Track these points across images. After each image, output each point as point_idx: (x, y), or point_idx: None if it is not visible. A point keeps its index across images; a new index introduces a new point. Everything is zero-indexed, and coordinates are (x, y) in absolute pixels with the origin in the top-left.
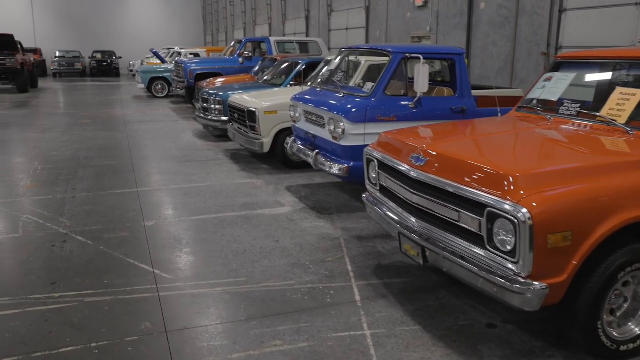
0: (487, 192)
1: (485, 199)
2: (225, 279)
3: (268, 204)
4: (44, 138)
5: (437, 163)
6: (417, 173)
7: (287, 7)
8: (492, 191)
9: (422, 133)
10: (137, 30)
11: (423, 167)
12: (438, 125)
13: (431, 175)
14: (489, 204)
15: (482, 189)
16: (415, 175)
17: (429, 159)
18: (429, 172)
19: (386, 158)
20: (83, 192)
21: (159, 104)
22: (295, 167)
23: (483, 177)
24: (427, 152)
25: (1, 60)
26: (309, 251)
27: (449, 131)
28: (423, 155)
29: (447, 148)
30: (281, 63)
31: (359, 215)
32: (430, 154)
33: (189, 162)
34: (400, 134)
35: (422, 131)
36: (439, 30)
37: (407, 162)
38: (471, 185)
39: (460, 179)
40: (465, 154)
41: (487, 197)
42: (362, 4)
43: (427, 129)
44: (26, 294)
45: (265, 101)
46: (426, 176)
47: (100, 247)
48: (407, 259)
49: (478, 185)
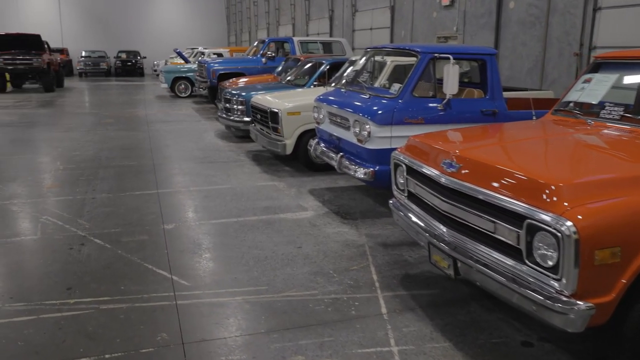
0: (527, 202)
1: (524, 210)
2: (246, 287)
3: (290, 208)
4: (67, 137)
5: (470, 170)
6: (448, 180)
7: (310, 7)
8: (532, 201)
9: (453, 137)
10: (162, 30)
11: (455, 173)
12: (470, 129)
13: (464, 182)
14: (529, 215)
15: (520, 199)
16: (446, 182)
17: (461, 165)
18: (461, 179)
19: (415, 163)
20: (103, 193)
21: (181, 103)
22: (318, 170)
23: (522, 186)
24: (460, 157)
25: (28, 60)
26: (332, 259)
27: (482, 135)
28: (456, 161)
29: (481, 154)
30: (304, 63)
31: (384, 220)
32: (463, 159)
33: (210, 163)
34: (431, 138)
35: (454, 135)
36: (465, 30)
37: (438, 168)
38: (509, 195)
39: (496, 187)
40: (501, 160)
41: (527, 208)
42: (387, 3)
43: (458, 133)
44: (41, 299)
45: (288, 102)
46: (459, 183)
47: (118, 250)
48: (436, 269)
49: (516, 195)
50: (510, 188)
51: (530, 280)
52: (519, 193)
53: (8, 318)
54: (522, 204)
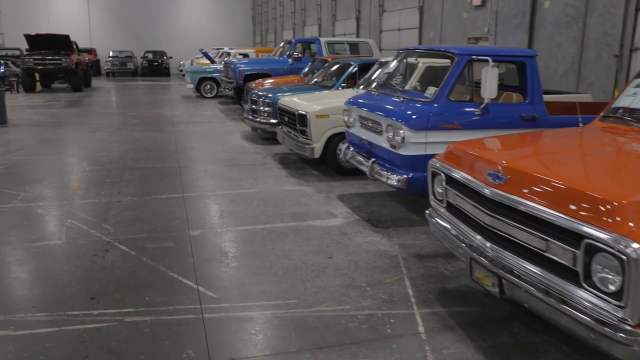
0: (585, 220)
1: (583, 228)
2: (275, 300)
3: (319, 215)
4: (94, 138)
5: (519, 182)
6: (494, 193)
7: (337, 8)
8: (591, 220)
9: (497, 145)
10: (188, 30)
11: (502, 186)
12: (514, 137)
13: (512, 196)
14: (588, 234)
15: (577, 216)
16: (492, 195)
17: (509, 177)
18: (509, 192)
19: (456, 172)
20: (128, 196)
21: (207, 104)
22: (346, 174)
23: (578, 202)
24: (507, 168)
25: (57, 60)
26: (365, 270)
27: (528, 144)
28: (502, 172)
29: (530, 164)
30: (332, 64)
31: (417, 229)
32: (510, 170)
33: (236, 166)
34: (473, 146)
35: (497, 143)
36: (497, 31)
37: (483, 179)
38: (564, 211)
39: (549, 202)
40: (552, 172)
41: (586, 226)
42: (416, 3)
43: (502, 141)
44: (64, 309)
45: (316, 104)
46: (505, 197)
47: (143, 258)
48: (475, 284)
49: (572, 211)
50: (564, 203)
51: (587, 305)
52: (574, 209)
53: (30, 329)
54: (580, 222)
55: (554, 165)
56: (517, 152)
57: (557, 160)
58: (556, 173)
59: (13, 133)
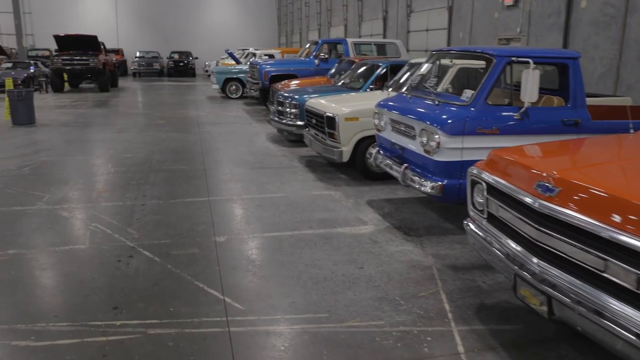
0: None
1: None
2: (304, 313)
3: (348, 221)
4: (120, 138)
5: (572, 194)
6: (544, 205)
7: (363, 8)
8: None
9: (546, 153)
10: (213, 31)
11: (553, 198)
12: (564, 144)
13: (565, 210)
14: None
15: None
16: (542, 208)
17: (561, 189)
18: (561, 205)
19: (500, 183)
20: (153, 199)
21: (232, 105)
22: (375, 178)
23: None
24: (559, 179)
25: (85, 60)
26: (398, 282)
27: (579, 152)
28: (553, 184)
29: (584, 175)
30: (360, 65)
31: (451, 238)
32: (562, 182)
33: (262, 169)
34: (518, 154)
35: (546, 151)
36: (530, 31)
37: (531, 191)
38: (626, 229)
39: (607, 217)
40: (610, 184)
41: None
42: (445, 4)
43: (551, 148)
44: (86, 319)
45: (345, 106)
46: (557, 210)
47: (167, 265)
48: (515, 299)
49: (635, 229)
50: (625, 219)
51: None
52: (637, 226)
53: (51, 340)
54: None
55: (613, 176)
56: (568, 161)
57: (616, 171)
58: (613, 185)
59: (41, 133)
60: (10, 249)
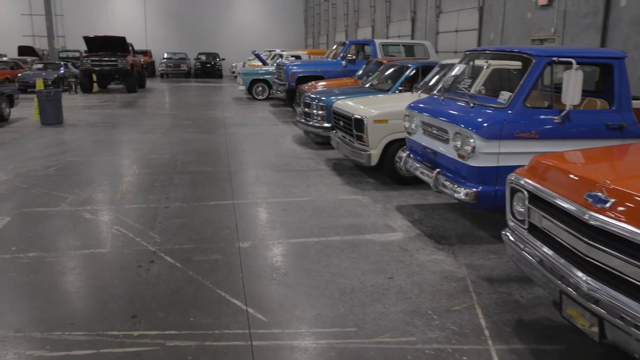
0: None
1: None
2: (331, 327)
3: (377, 228)
4: (145, 139)
5: (629, 207)
6: (596, 218)
7: (391, 9)
8: None
9: (594, 160)
10: (240, 32)
11: (606, 210)
12: (612, 150)
13: (620, 223)
14: None
15: None
16: (593, 221)
17: (615, 201)
18: (616, 218)
19: (544, 191)
20: (177, 201)
21: (259, 106)
22: (404, 183)
23: None
24: (614, 190)
25: (113, 61)
26: (430, 294)
27: (630, 159)
28: (606, 194)
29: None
30: (389, 67)
31: (485, 248)
32: (618, 193)
33: (288, 172)
34: (564, 160)
35: (594, 157)
36: (565, 31)
37: (580, 201)
38: None
39: None
40: None
41: None
42: (475, 4)
43: (600, 154)
44: (103, 328)
45: (374, 109)
46: (612, 224)
47: (189, 272)
48: (557, 316)
49: None
50: None
51: None
52: None
53: (66, 350)
54: None
55: None
56: (620, 169)
57: None
58: None
59: (68, 133)
60: (30, 252)
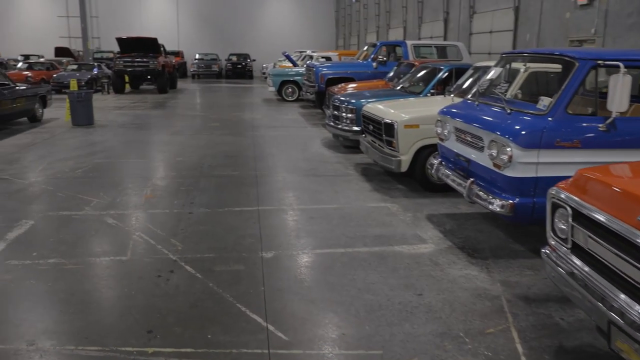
0: None
1: None
2: (355, 349)
3: (406, 239)
4: (174, 141)
5: None
6: None
7: (423, 10)
8: None
9: None
10: (271, 33)
11: None
12: None
13: None
14: None
15: None
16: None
17: None
18: None
19: (590, 209)
20: (201, 207)
21: (288, 108)
22: (435, 190)
23: None
24: None
25: (145, 62)
26: (461, 314)
27: None
28: None
29: None
30: (420, 69)
31: (522, 263)
32: None
33: (315, 177)
34: (614, 175)
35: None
36: (606, 32)
37: (634, 223)
38: None
39: None
40: None
41: None
42: (511, 4)
43: None
44: (117, 343)
45: (405, 113)
46: None
47: (209, 283)
48: (601, 342)
49: None
50: None
51: None
52: None
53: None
54: None
55: None
56: None
57: None
58: None
59: (97, 134)
60: (51, 258)
